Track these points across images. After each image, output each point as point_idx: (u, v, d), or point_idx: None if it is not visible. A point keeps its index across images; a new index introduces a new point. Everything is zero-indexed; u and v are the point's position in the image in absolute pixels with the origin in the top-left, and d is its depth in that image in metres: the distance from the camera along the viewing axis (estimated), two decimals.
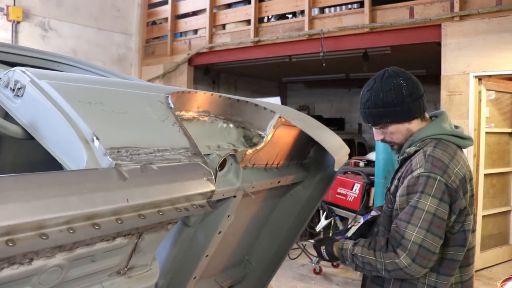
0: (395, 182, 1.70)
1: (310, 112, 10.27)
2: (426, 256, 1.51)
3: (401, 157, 1.72)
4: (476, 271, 4.89)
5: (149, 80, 7.26)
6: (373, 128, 1.77)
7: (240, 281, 2.37)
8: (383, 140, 1.77)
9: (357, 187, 5.11)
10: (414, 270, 1.52)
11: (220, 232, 1.79)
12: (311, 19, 6.17)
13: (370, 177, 5.10)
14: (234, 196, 1.73)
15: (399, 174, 1.70)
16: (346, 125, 10.43)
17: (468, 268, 1.69)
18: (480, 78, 4.82)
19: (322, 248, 1.80)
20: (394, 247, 1.54)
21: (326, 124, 2.40)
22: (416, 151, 1.65)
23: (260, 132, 1.99)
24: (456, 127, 1.75)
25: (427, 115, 1.75)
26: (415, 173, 1.57)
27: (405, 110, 1.66)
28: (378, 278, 1.69)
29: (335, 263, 5.26)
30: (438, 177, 1.54)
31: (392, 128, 1.70)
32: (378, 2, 5.63)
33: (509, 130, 5.38)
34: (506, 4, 4.58)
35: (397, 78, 1.67)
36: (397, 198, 1.61)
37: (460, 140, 1.68)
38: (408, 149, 1.68)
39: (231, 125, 1.93)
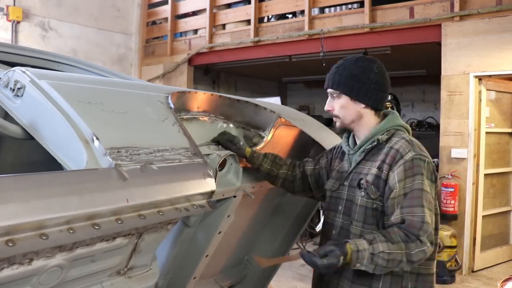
0: (373, 170, 1.61)
1: (310, 112, 10.25)
2: (435, 236, 1.54)
3: (369, 146, 1.65)
4: (476, 271, 4.89)
5: (149, 80, 7.26)
6: (329, 97, 1.71)
7: (240, 281, 2.37)
8: (331, 112, 1.71)
9: None
10: (430, 252, 1.51)
11: (220, 232, 1.79)
12: (311, 19, 6.16)
13: None
14: (234, 196, 1.73)
15: (377, 162, 1.62)
16: None
17: (429, 263, 1.63)
18: (480, 78, 4.82)
19: (324, 260, 1.44)
20: (416, 235, 1.47)
21: (326, 124, 2.40)
22: (387, 139, 1.64)
23: (260, 132, 1.99)
24: None
25: (381, 114, 1.73)
26: (407, 157, 1.55)
27: (364, 91, 1.65)
28: (365, 277, 1.57)
29: None
30: (427, 159, 1.57)
31: (345, 101, 1.67)
32: (378, 2, 5.63)
33: (509, 130, 5.37)
34: (506, 4, 4.58)
35: (372, 64, 1.69)
36: (396, 184, 1.54)
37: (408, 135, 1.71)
38: (380, 137, 1.64)
39: (231, 125, 1.93)
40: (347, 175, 1.70)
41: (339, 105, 1.68)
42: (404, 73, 7.35)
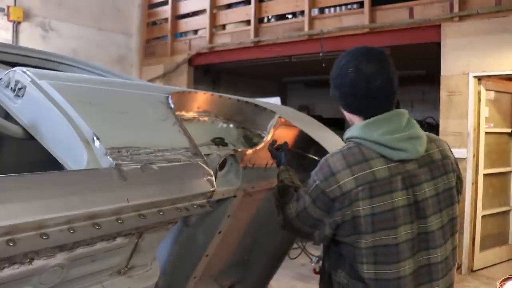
0: None
1: (310, 112, 10.24)
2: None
3: None
4: (475, 270, 4.90)
5: (149, 80, 7.26)
6: None
7: (240, 281, 2.37)
8: None
9: None
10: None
11: (220, 232, 1.79)
12: (311, 20, 6.16)
13: None
14: (234, 196, 1.73)
15: None
16: (346, 125, 10.38)
17: None
18: (479, 78, 4.82)
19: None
20: None
21: (326, 124, 2.40)
22: None
23: (260, 132, 2.00)
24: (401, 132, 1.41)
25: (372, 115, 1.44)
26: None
27: (337, 96, 1.49)
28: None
29: None
30: (317, 182, 1.37)
31: (345, 112, 1.54)
32: (378, 3, 5.64)
33: (508, 130, 5.37)
34: (506, 5, 4.58)
35: (351, 61, 1.43)
36: None
37: (387, 150, 1.37)
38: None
39: (231, 125, 1.93)
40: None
41: (348, 119, 1.59)
42: (403, 74, 7.34)
